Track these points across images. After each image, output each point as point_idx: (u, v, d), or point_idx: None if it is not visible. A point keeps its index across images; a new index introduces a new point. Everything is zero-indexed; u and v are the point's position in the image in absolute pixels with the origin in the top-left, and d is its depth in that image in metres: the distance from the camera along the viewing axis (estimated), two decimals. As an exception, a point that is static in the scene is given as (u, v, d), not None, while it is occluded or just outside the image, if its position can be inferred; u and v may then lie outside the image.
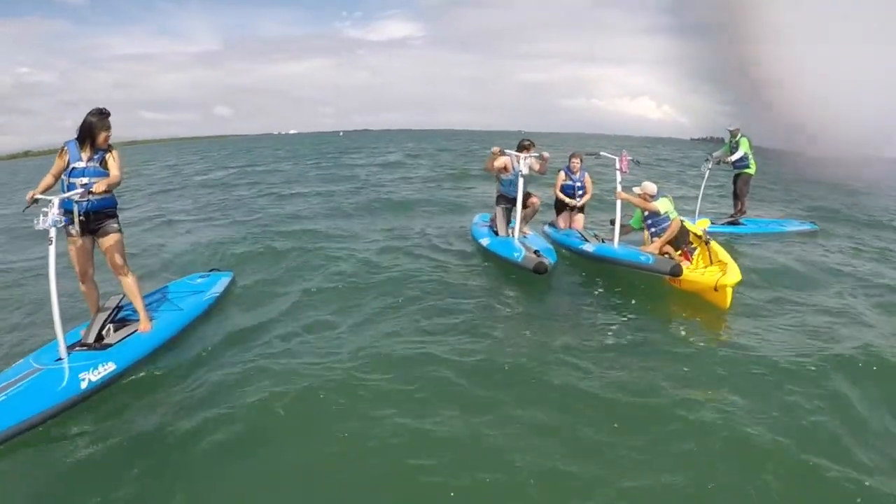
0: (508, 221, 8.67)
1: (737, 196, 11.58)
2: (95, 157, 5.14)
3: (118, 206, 5.41)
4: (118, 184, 5.21)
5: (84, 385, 4.56)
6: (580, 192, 9.61)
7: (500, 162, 8.67)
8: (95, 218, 5.19)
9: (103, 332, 5.34)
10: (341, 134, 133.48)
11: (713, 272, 6.98)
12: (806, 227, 11.62)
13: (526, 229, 9.03)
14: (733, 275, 6.70)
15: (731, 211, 11.75)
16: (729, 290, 6.56)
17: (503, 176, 8.82)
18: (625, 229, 8.60)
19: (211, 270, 7.74)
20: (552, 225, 9.93)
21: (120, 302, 5.62)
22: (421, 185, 19.72)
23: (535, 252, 7.60)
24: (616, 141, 45.69)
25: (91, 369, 4.70)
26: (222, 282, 7.21)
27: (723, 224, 11.39)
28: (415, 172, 24.63)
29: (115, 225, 5.30)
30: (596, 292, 7.33)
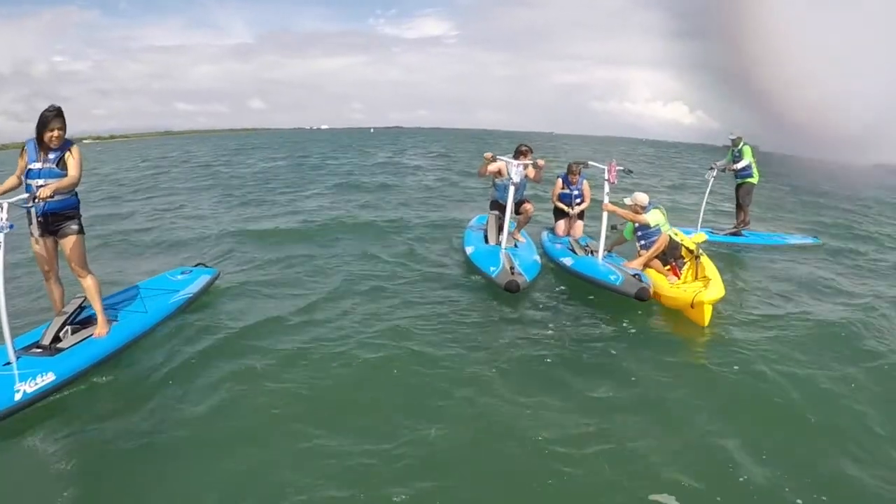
0: (500, 229, 8.44)
1: (740, 206, 11.29)
2: (51, 157, 4.99)
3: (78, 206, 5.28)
4: (73, 185, 5.06)
5: (18, 397, 4.39)
6: (577, 201, 9.52)
7: (494, 167, 8.52)
8: (54, 219, 5.10)
9: (60, 335, 5.24)
10: (372, 130, 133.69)
11: (693, 288, 6.75)
12: (808, 240, 11.28)
13: (519, 236, 8.92)
14: (713, 292, 6.48)
15: (734, 221, 11.47)
16: (706, 308, 6.34)
17: (497, 180, 8.69)
18: (619, 240, 8.48)
19: (196, 265, 7.60)
20: (552, 231, 9.81)
21: (82, 303, 5.53)
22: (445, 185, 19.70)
23: (512, 268, 7.32)
24: (647, 145, 45.10)
25: (29, 379, 4.52)
26: (202, 279, 7.03)
27: (725, 234, 11.17)
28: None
29: (75, 226, 5.19)
30: (569, 308, 7.09)
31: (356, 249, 9.67)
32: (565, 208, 9.58)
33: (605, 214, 7.86)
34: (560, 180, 9.74)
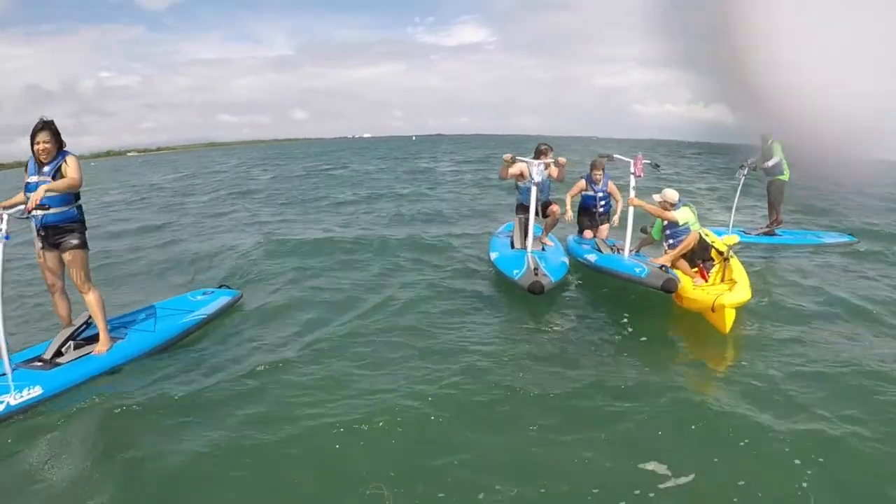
0: (527, 233, 8.21)
1: (771, 205, 10.93)
2: (46, 169, 5.01)
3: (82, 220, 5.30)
4: (70, 187, 5.02)
5: (1, 408, 4.48)
6: (602, 203, 9.02)
7: (515, 169, 8.32)
8: (55, 232, 5.12)
9: (63, 349, 5.26)
10: (414, 138, 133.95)
11: (716, 291, 6.45)
12: (844, 238, 10.87)
13: (547, 240, 8.66)
14: (736, 295, 6.15)
15: (767, 220, 11.17)
16: (728, 312, 5.98)
17: (520, 183, 8.47)
18: (647, 240, 8.25)
19: (221, 286, 7.53)
20: (578, 234, 9.37)
21: (88, 319, 5.51)
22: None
23: (536, 270, 7.15)
24: (688, 147, 44.08)
25: (16, 391, 4.58)
26: (220, 301, 6.89)
27: (758, 234, 10.85)
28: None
29: (76, 241, 5.18)
30: (597, 314, 6.93)
31: (384, 265, 9.44)
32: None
33: (630, 209, 7.66)
34: (583, 180, 9.10)
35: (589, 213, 9.19)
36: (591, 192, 9.07)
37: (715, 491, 3.54)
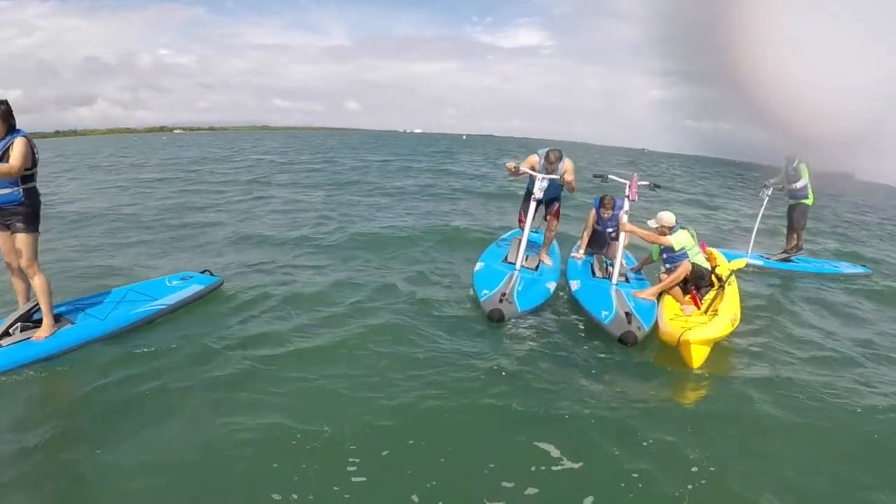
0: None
1: (793, 229, 10.45)
2: None
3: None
4: (7, 173, 4.83)
5: None
6: (612, 232, 8.20)
7: (526, 164, 7.76)
8: (1, 214, 5.02)
9: (11, 330, 5.20)
10: (464, 137, 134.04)
11: (689, 323, 6.11)
12: (859, 269, 10.52)
13: (546, 257, 8.16)
14: (705, 331, 5.72)
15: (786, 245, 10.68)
16: (694, 349, 5.59)
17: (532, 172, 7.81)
18: (647, 260, 7.92)
19: (203, 271, 7.30)
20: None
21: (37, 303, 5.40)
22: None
23: (503, 295, 6.69)
24: (737, 167, 43.15)
25: None
26: (193, 289, 6.71)
27: (776, 260, 10.40)
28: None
29: (20, 224, 5.05)
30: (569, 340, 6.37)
31: (379, 262, 9.19)
32: (581, 248, 8.46)
33: (622, 235, 7.31)
34: (594, 211, 8.41)
35: (598, 237, 8.52)
36: (599, 228, 8.44)
37: None
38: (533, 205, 7.54)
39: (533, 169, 7.73)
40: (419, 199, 17.54)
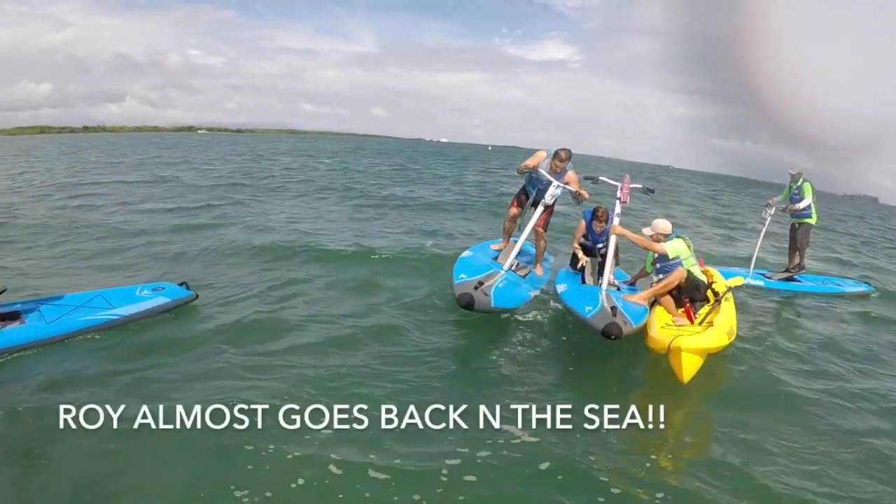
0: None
1: (796, 248, 10.17)
2: None
3: None
4: None
5: None
6: (602, 248, 7.38)
7: (532, 161, 7.37)
8: None
9: None
10: (490, 148, 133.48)
11: (682, 332, 5.75)
12: (862, 288, 10.31)
13: (540, 269, 7.78)
14: (699, 339, 5.44)
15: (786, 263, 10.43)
16: (685, 357, 5.27)
17: (533, 174, 7.50)
18: (641, 272, 7.52)
19: (181, 283, 6.90)
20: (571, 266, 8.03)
21: None
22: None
23: (479, 284, 6.35)
24: (764, 188, 42.63)
25: None
26: (158, 301, 6.41)
27: (778, 279, 10.09)
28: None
29: None
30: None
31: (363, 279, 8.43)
32: (581, 258, 7.62)
33: (612, 239, 6.99)
34: (583, 223, 7.58)
35: (586, 253, 7.75)
36: (589, 242, 7.64)
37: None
38: (540, 209, 7.30)
39: (536, 167, 7.39)
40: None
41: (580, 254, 7.63)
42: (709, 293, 6.84)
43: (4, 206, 13.53)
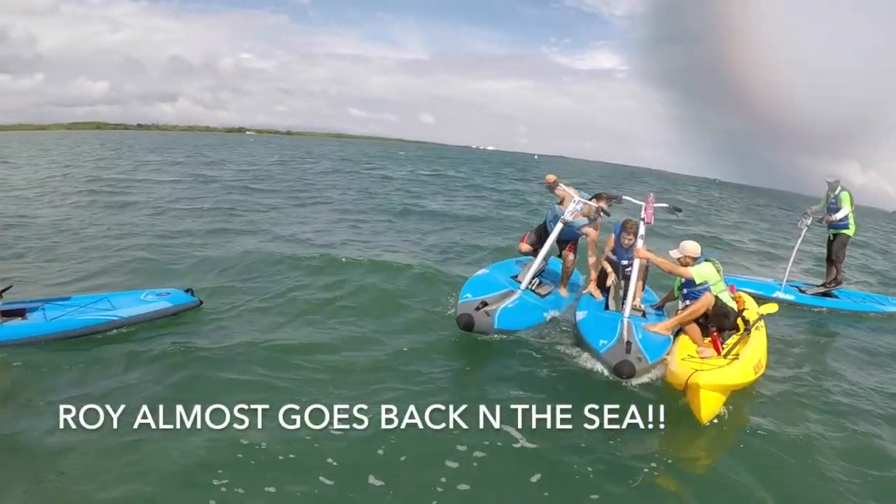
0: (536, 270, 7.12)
1: (832, 261, 9.60)
2: None
3: None
4: None
5: None
6: (627, 270, 6.89)
7: (560, 190, 7.22)
8: None
9: None
10: (536, 157, 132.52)
11: (702, 366, 5.26)
12: None
13: (564, 291, 7.51)
14: (720, 375, 4.98)
15: (822, 278, 9.91)
16: (703, 395, 4.81)
17: (556, 205, 7.32)
18: (669, 296, 7.09)
19: (187, 290, 6.88)
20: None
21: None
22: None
23: (482, 305, 6.21)
24: (804, 202, 41.37)
25: None
26: (160, 305, 6.42)
27: (813, 294, 9.53)
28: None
29: None
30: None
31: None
32: (610, 274, 7.22)
33: (636, 262, 6.59)
34: (613, 236, 7.22)
35: (615, 268, 7.28)
36: (614, 258, 7.21)
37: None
38: (558, 226, 7.04)
39: (563, 202, 7.23)
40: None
41: (609, 268, 7.26)
42: (739, 321, 6.39)
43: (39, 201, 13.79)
